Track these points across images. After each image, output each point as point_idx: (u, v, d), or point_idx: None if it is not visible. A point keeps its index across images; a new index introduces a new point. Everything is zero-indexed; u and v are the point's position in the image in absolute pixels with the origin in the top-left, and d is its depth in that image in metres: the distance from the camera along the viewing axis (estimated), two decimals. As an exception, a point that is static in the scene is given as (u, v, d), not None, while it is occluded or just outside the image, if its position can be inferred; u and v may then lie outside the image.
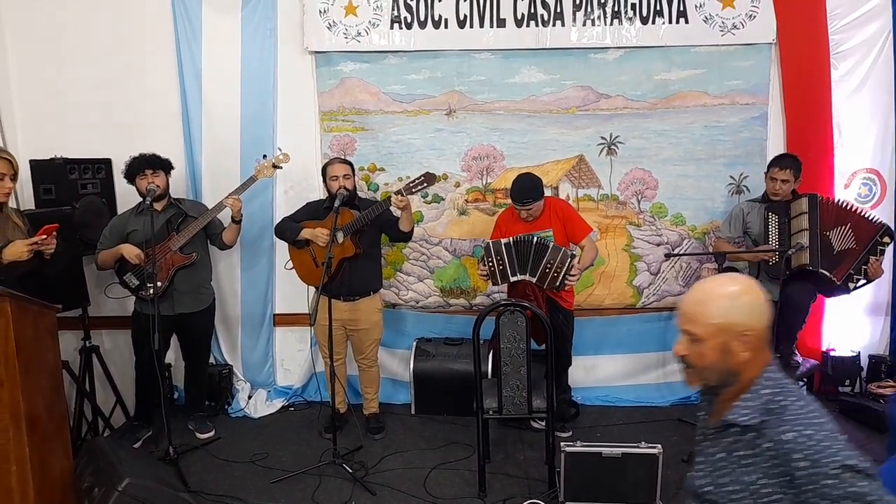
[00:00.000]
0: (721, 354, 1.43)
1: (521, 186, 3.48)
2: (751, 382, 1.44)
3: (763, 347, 1.45)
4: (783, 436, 1.34)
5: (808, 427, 1.34)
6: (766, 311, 1.44)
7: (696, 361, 1.47)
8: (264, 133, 4.06)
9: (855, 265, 3.44)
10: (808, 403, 1.39)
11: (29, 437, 2.49)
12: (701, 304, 1.45)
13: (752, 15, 3.90)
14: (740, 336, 1.41)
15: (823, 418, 1.36)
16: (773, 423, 1.37)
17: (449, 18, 3.93)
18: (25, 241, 2.77)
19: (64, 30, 4.01)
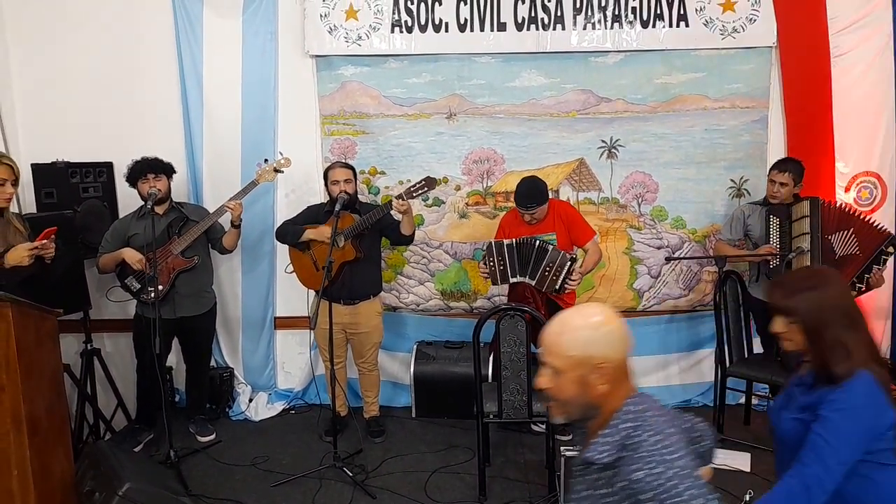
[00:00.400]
0: (579, 387, 1.39)
1: (526, 191, 3.47)
2: (611, 416, 1.40)
3: (623, 379, 1.41)
4: (633, 475, 1.31)
5: (658, 465, 1.30)
6: (625, 343, 1.41)
7: (557, 394, 1.42)
8: (265, 136, 4.07)
9: (858, 273, 3.44)
10: (664, 438, 1.34)
11: (30, 441, 2.50)
12: (559, 336, 1.40)
13: (753, 18, 3.90)
14: (597, 368, 1.37)
15: (676, 454, 1.32)
16: (627, 461, 1.34)
17: (449, 22, 3.94)
18: (27, 246, 2.78)
19: (65, 34, 4.01)
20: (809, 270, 1.79)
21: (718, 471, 3.24)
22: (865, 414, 1.60)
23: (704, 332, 4.20)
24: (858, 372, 1.61)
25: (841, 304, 1.66)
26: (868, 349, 1.65)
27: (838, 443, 1.58)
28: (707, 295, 4.19)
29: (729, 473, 3.27)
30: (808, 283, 1.68)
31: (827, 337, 1.64)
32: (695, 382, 4.24)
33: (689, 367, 4.26)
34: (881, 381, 1.62)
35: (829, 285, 1.68)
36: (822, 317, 1.64)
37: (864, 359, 1.63)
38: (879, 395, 1.61)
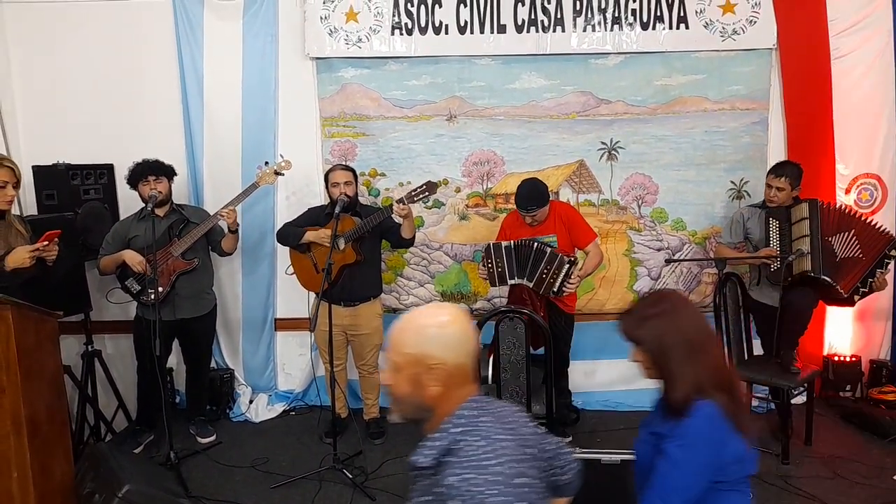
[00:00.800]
0: (412, 386, 1.37)
1: (526, 193, 3.47)
2: (442, 420, 1.37)
3: (460, 383, 1.38)
4: (448, 479, 1.29)
5: (472, 470, 1.28)
6: (466, 346, 1.38)
7: (393, 391, 1.41)
8: (265, 139, 4.08)
9: (862, 278, 3.43)
10: (488, 444, 1.32)
11: (30, 443, 2.51)
12: (400, 332, 1.39)
13: (753, 20, 3.90)
14: (431, 369, 1.35)
15: (494, 461, 1.29)
16: (447, 466, 1.31)
17: (449, 24, 3.94)
18: (28, 248, 2.78)
19: (66, 36, 4.03)
20: (657, 296, 1.70)
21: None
22: (706, 448, 1.54)
23: (705, 334, 4.19)
24: (700, 403, 1.56)
25: (683, 332, 1.59)
26: (714, 377, 1.58)
27: (679, 477, 1.54)
28: (707, 297, 4.18)
29: (728, 476, 3.26)
30: (653, 310, 1.63)
31: (667, 366, 1.59)
32: (695, 384, 4.22)
33: (689, 369, 4.25)
34: (727, 411, 1.56)
35: (673, 312, 1.62)
36: (663, 346, 1.59)
37: (706, 388, 1.57)
38: (720, 428, 1.55)
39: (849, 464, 3.36)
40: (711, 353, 1.60)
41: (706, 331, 1.63)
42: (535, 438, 1.47)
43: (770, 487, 3.15)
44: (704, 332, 1.62)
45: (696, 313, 1.65)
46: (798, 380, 3.42)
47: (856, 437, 3.69)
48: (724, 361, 1.64)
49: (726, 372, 1.62)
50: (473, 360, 1.40)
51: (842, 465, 3.36)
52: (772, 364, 3.54)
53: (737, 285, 3.73)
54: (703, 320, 1.65)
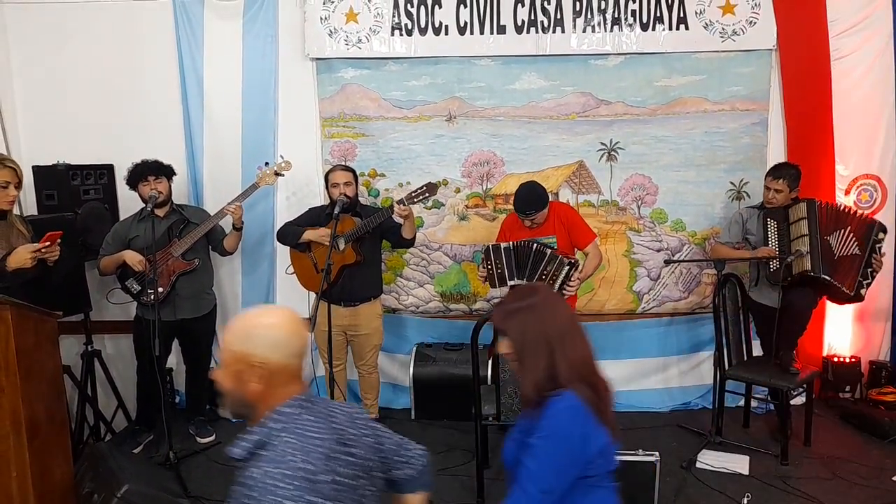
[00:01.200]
0: (235, 382, 1.42)
1: (525, 197, 3.47)
2: (262, 416, 1.43)
3: (283, 382, 1.43)
4: (251, 471, 1.35)
5: (274, 465, 1.33)
6: (290, 348, 1.43)
7: (221, 386, 1.46)
8: (265, 139, 4.08)
9: (861, 271, 3.44)
10: (299, 441, 1.36)
11: (29, 443, 2.50)
12: (228, 331, 1.45)
13: (753, 21, 3.90)
14: (253, 367, 1.40)
15: (298, 457, 1.34)
16: (257, 459, 1.37)
17: (449, 25, 3.95)
18: (29, 248, 2.79)
19: (67, 37, 4.03)
20: (527, 290, 1.69)
21: (717, 473, 3.27)
22: (570, 439, 1.53)
23: (704, 335, 4.20)
24: (562, 394, 1.55)
25: (547, 326, 1.59)
26: (577, 370, 1.58)
27: (541, 470, 1.52)
28: (707, 297, 4.18)
29: (727, 476, 3.27)
30: (521, 303, 1.63)
31: (528, 358, 1.59)
32: (694, 385, 4.23)
33: (688, 370, 4.26)
34: (591, 403, 1.55)
35: (539, 306, 1.61)
36: (526, 338, 1.59)
37: (568, 380, 1.56)
38: (583, 419, 1.54)
39: (848, 465, 3.36)
40: (576, 348, 1.60)
41: (572, 325, 1.63)
42: (366, 440, 1.50)
43: (769, 488, 3.15)
44: (569, 327, 1.62)
45: (564, 308, 1.67)
46: (797, 381, 3.42)
47: (855, 438, 3.69)
48: (590, 356, 1.63)
49: (591, 366, 1.62)
50: (298, 360, 1.46)
51: (841, 465, 3.36)
52: (771, 365, 3.54)
53: (736, 286, 3.73)
54: (569, 315, 1.67)
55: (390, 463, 1.57)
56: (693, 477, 3.27)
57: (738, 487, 3.14)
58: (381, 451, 1.54)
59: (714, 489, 3.15)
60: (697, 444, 3.56)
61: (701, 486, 3.18)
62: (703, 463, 3.37)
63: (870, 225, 3.49)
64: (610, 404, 1.63)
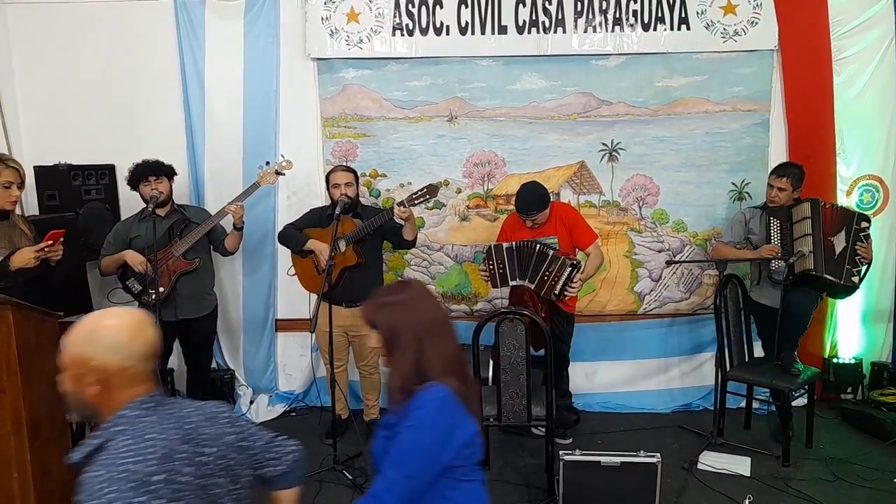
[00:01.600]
0: (75, 385, 1.42)
1: (527, 197, 3.47)
2: (104, 419, 1.42)
3: (125, 385, 1.42)
4: (84, 474, 1.34)
5: (104, 467, 1.33)
6: (131, 350, 1.42)
7: (62, 389, 1.45)
8: (266, 139, 4.08)
9: (848, 259, 3.44)
10: (135, 443, 1.36)
11: (31, 444, 2.50)
12: (69, 334, 1.44)
13: (754, 21, 3.90)
14: (91, 371, 1.39)
15: (130, 459, 1.33)
16: (92, 462, 1.36)
17: (450, 25, 3.94)
18: (32, 248, 2.79)
19: (68, 36, 4.03)
20: (399, 285, 1.72)
21: (718, 475, 3.26)
22: (437, 429, 1.53)
23: (705, 336, 4.20)
24: (430, 386, 1.55)
25: (416, 320, 1.60)
26: (444, 363, 1.59)
27: (404, 457, 1.52)
28: (708, 298, 4.18)
29: (729, 477, 3.26)
30: (392, 297, 1.65)
31: (396, 352, 1.60)
32: (696, 386, 4.23)
33: (690, 371, 4.25)
34: (459, 394, 1.56)
35: (409, 301, 1.63)
36: (394, 331, 1.60)
37: (435, 373, 1.57)
38: (451, 409, 1.55)
39: (850, 466, 3.36)
40: (445, 342, 1.62)
41: (441, 320, 1.65)
42: (228, 437, 1.49)
43: (770, 490, 3.15)
44: (439, 322, 1.63)
45: (434, 304, 1.69)
46: (798, 382, 3.42)
47: (857, 440, 3.69)
48: (458, 350, 1.65)
49: (458, 359, 1.64)
50: (142, 362, 1.44)
51: (843, 467, 3.35)
52: (772, 366, 3.53)
53: (737, 287, 3.73)
54: (439, 311, 1.68)
55: (260, 460, 1.57)
56: (694, 478, 3.27)
57: (740, 489, 3.14)
58: (247, 448, 1.54)
59: (715, 490, 3.15)
60: (698, 445, 3.56)
61: (702, 488, 3.18)
62: (705, 464, 3.37)
63: (850, 214, 3.51)
64: (477, 397, 1.65)
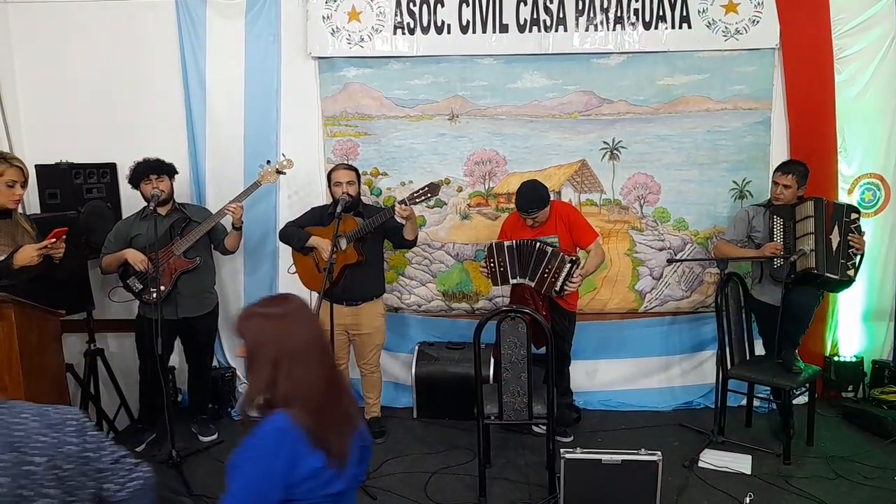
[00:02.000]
0: None
1: (526, 196, 3.47)
2: None
3: None
4: None
5: None
6: None
7: None
8: (268, 138, 4.08)
9: (842, 253, 3.44)
10: None
11: (33, 441, 2.51)
12: None
13: (756, 20, 3.89)
14: None
15: None
16: None
17: (451, 24, 3.94)
18: (35, 246, 2.79)
19: (69, 35, 4.03)
20: (278, 298, 1.63)
21: (719, 473, 3.27)
22: (271, 461, 1.46)
23: (706, 334, 4.19)
24: (274, 414, 1.49)
25: (281, 338, 1.52)
26: (298, 392, 1.51)
27: (236, 489, 1.46)
28: (709, 296, 4.18)
29: (730, 475, 3.26)
30: (265, 309, 1.57)
31: (255, 369, 1.54)
32: (696, 384, 4.23)
33: (691, 369, 4.25)
34: (308, 427, 1.48)
35: (281, 317, 1.55)
36: (257, 345, 1.54)
37: (287, 400, 1.50)
38: (289, 441, 1.47)
39: (851, 464, 3.36)
40: (303, 369, 1.52)
41: (309, 345, 1.55)
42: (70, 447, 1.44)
43: (771, 487, 3.15)
44: (303, 346, 1.54)
45: (305, 327, 1.58)
46: (799, 380, 3.41)
47: (858, 438, 3.69)
48: (320, 381, 1.55)
49: (317, 389, 1.54)
50: None
51: (843, 465, 3.35)
52: (773, 364, 3.53)
53: (738, 285, 3.73)
54: (308, 335, 1.57)
55: (104, 478, 1.50)
56: (695, 476, 3.27)
57: (741, 487, 3.14)
58: (92, 461, 1.47)
59: (716, 488, 3.15)
60: (699, 443, 3.56)
61: (703, 486, 3.18)
62: (706, 462, 3.37)
63: (840, 207, 3.51)
64: (340, 433, 1.56)
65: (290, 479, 1.48)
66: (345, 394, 1.65)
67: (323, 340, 1.62)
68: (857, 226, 3.50)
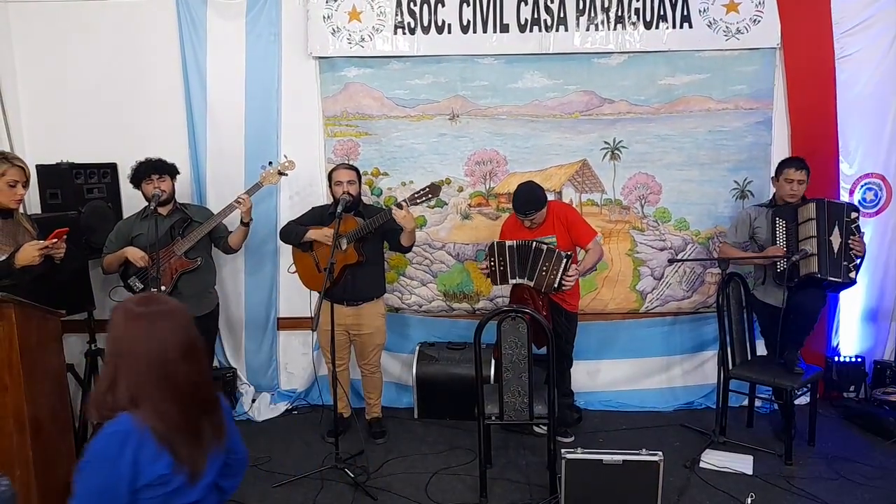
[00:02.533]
0: None
1: (524, 197, 3.46)
2: None
3: None
4: None
5: None
6: None
7: None
8: (268, 138, 4.08)
9: (845, 255, 3.42)
10: None
11: (33, 441, 2.51)
12: None
13: (757, 19, 3.88)
14: None
15: None
16: None
17: (452, 24, 3.94)
18: (36, 245, 2.79)
19: (70, 35, 4.03)
20: (150, 298, 1.58)
21: (720, 473, 3.26)
22: (110, 465, 1.42)
23: (708, 335, 4.18)
24: (119, 417, 1.45)
25: (136, 339, 1.48)
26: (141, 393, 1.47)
27: (79, 493, 1.42)
28: (710, 297, 4.17)
29: (731, 476, 3.26)
30: (132, 306, 1.53)
31: (106, 364, 1.52)
32: (698, 384, 4.22)
33: (692, 369, 4.24)
34: (158, 431, 1.45)
35: (143, 318, 1.50)
36: (114, 342, 1.51)
37: (127, 402, 1.46)
38: (135, 445, 1.43)
39: (853, 465, 3.35)
40: (163, 374, 1.48)
41: (170, 350, 1.50)
42: None
43: (773, 488, 3.14)
44: (164, 350, 1.50)
45: (173, 332, 1.52)
46: (801, 380, 3.41)
47: (859, 438, 3.68)
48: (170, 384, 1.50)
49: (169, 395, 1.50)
50: None
51: (845, 466, 3.34)
52: (775, 364, 3.52)
53: (740, 285, 3.72)
54: (173, 340, 1.52)
55: None
56: (696, 476, 3.26)
57: (742, 487, 3.13)
58: None
59: (718, 489, 3.14)
60: (701, 443, 3.55)
61: (704, 486, 3.17)
62: (707, 463, 3.36)
63: (840, 207, 3.47)
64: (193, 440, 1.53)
65: (135, 483, 1.45)
66: (209, 403, 1.59)
67: (186, 348, 1.55)
68: (857, 225, 3.48)
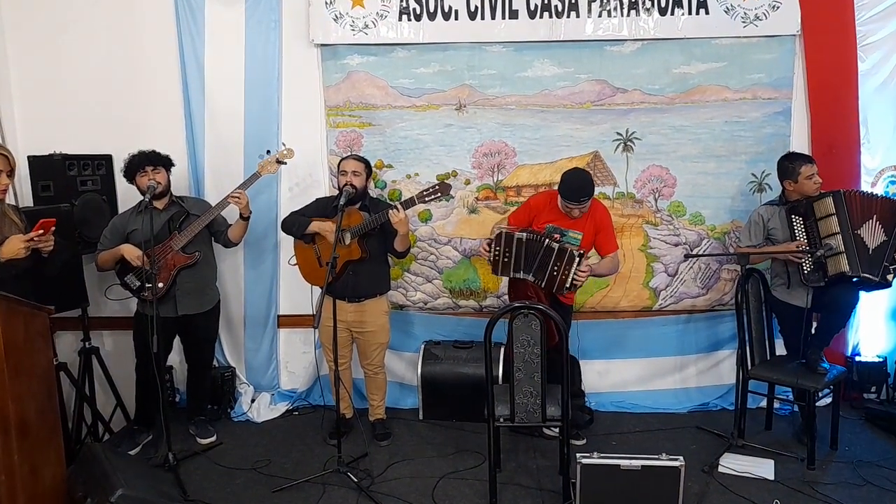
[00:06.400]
0: None
1: (577, 183, 3.24)
2: None
3: None
4: None
5: None
6: None
7: None
8: (268, 128, 3.96)
9: (888, 256, 3.25)
10: None
11: (19, 444, 2.38)
12: None
13: (776, 6, 3.75)
14: None
15: None
16: None
17: (459, 10, 3.81)
18: (22, 238, 2.67)
19: (64, 24, 3.93)
20: None
21: (741, 478, 3.12)
22: None
23: (723, 333, 4.06)
24: None
25: None
26: None
27: None
28: (726, 294, 4.03)
29: (752, 481, 3.11)
30: None
31: None
32: (713, 385, 4.08)
33: (707, 369, 4.11)
34: None
35: None
36: None
37: None
38: None
39: (879, 469, 3.21)
40: None
41: None
42: None
43: (797, 494, 3.00)
44: None
45: None
46: (825, 381, 3.26)
47: (884, 442, 3.54)
48: None
49: None
50: None
51: (871, 470, 3.20)
52: (796, 364, 3.38)
53: (759, 282, 3.58)
54: None
55: None
56: (716, 482, 3.12)
57: (765, 493, 2.99)
58: None
59: (739, 495, 3.00)
60: (718, 446, 3.42)
61: (725, 492, 3.03)
62: (726, 467, 3.22)
63: (893, 206, 3.30)
64: None
65: None
66: None
67: None
68: None
